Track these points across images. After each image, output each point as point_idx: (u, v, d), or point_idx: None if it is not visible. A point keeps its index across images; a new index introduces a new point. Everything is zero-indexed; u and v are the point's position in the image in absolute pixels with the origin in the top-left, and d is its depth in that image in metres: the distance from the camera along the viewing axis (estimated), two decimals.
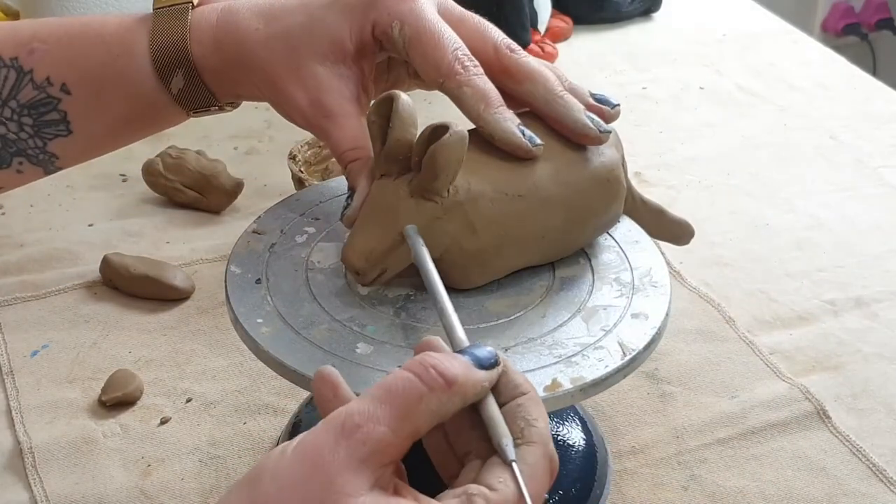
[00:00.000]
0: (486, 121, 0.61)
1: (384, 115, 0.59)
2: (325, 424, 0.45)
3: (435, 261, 0.58)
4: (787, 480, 0.74)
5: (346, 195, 0.64)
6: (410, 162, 0.59)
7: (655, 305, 0.62)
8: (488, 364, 0.48)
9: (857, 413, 0.80)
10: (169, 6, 0.66)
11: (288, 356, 0.58)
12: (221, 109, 0.69)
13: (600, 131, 0.63)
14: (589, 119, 0.63)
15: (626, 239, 0.68)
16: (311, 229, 0.67)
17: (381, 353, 0.58)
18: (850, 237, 1.00)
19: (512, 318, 0.61)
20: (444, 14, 0.64)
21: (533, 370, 0.57)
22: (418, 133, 0.59)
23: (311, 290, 0.63)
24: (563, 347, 0.59)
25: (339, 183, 0.71)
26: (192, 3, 0.66)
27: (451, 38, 0.62)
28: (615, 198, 0.65)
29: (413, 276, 0.62)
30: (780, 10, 1.50)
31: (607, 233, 0.68)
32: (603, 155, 0.64)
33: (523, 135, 0.61)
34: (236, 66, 0.66)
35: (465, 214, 0.60)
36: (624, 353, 0.59)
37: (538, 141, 0.62)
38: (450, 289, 0.57)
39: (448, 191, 0.59)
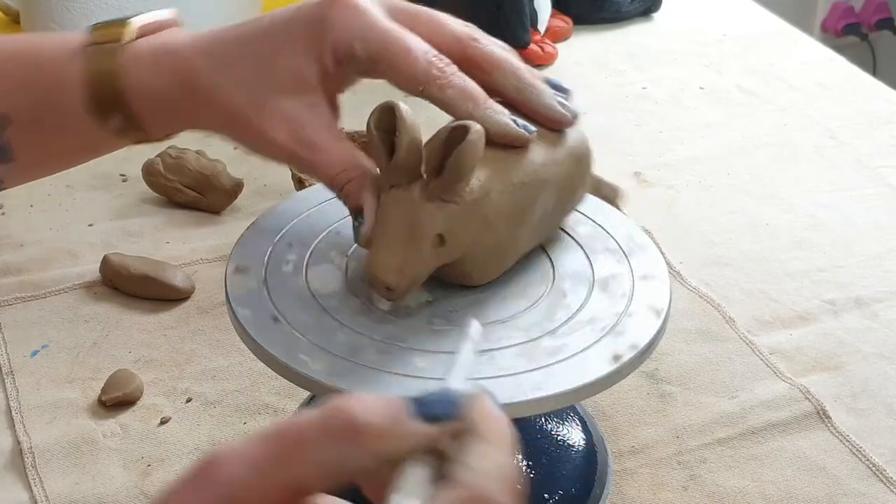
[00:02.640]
0: (479, 118, 0.60)
1: (386, 128, 0.58)
2: (193, 464, 0.38)
3: (456, 261, 0.59)
4: (787, 480, 0.74)
5: (351, 216, 0.62)
6: (419, 168, 0.59)
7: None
8: (441, 415, 0.38)
9: (857, 413, 0.80)
10: (102, 43, 0.63)
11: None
12: (169, 137, 0.67)
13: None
14: (559, 104, 0.63)
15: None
16: (293, 256, 0.65)
17: (438, 363, 0.57)
18: (849, 237, 1.00)
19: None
20: (395, 15, 0.62)
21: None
22: (424, 137, 0.58)
23: (333, 317, 0.61)
24: (602, 320, 0.61)
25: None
26: (122, 41, 0.62)
27: (418, 44, 0.61)
28: (587, 172, 0.67)
29: (426, 281, 0.61)
30: (780, 10, 1.49)
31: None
32: (574, 131, 0.65)
33: (517, 124, 0.61)
34: (192, 107, 0.63)
35: (482, 210, 0.60)
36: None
37: (532, 128, 0.62)
38: (466, 287, 0.59)
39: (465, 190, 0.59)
